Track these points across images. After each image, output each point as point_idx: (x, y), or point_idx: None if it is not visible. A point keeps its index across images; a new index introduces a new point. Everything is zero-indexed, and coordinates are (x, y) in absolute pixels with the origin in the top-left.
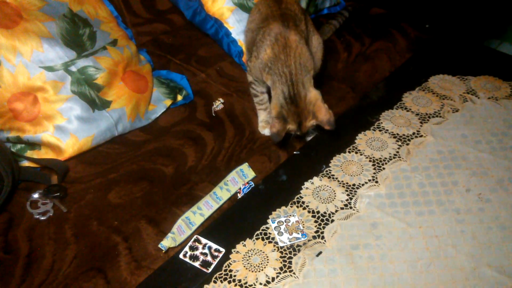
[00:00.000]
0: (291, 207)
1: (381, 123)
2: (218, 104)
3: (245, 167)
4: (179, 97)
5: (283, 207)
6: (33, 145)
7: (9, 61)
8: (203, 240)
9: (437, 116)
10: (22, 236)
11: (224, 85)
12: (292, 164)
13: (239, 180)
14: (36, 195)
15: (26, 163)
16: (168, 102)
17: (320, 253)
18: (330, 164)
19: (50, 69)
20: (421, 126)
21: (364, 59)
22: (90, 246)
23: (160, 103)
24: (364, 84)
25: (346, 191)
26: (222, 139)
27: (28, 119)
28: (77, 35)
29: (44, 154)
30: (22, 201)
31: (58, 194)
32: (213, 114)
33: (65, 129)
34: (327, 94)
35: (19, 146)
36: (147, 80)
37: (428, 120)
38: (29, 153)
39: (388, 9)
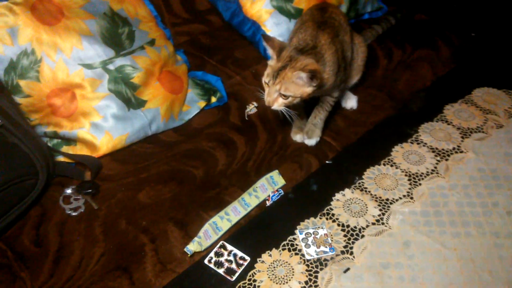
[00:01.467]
0: (320, 218)
1: (420, 135)
2: (251, 108)
3: (275, 174)
4: (213, 99)
5: (312, 218)
6: (69, 140)
7: (50, 57)
8: (229, 247)
9: (479, 131)
10: (53, 230)
11: (259, 88)
12: (323, 173)
13: (268, 187)
14: (69, 191)
15: (61, 158)
16: (202, 104)
17: (348, 269)
18: (363, 176)
19: (88, 66)
20: (462, 141)
21: (405, 67)
22: (118, 245)
23: (194, 104)
24: (404, 93)
25: (379, 205)
26: (253, 144)
27: (66, 115)
28: (116, 33)
29: (79, 150)
30: (55, 195)
31: (90, 190)
32: (246, 118)
33: (100, 127)
34: (364, 102)
35: (55, 141)
36: (182, 81)
37: (469, 135)
38: (65, 149)
39: (432, 16)
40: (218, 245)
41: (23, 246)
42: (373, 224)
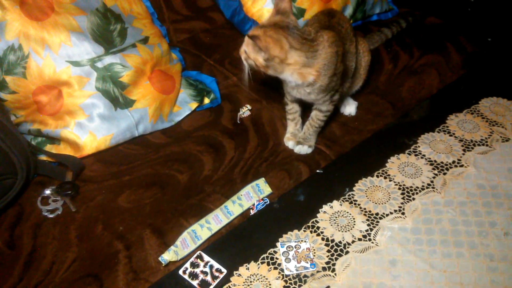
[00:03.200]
0: (304, 231)
1: (419, 146)
2: (244, 111)
3: (261, 182)
4: (206, 100)
5: (296, 231)
6: (53, 139)
7: (37, 53)
8: (206, 258)
9: (483, 144)
10: (27, 232)
11: (255, 90)
12: (312, 183)
13: (253, 195)
14: (48, 191)
15: (43, 157)
16: (194, 105)
17: (327, 287)
18: (354, 188)
19: (76, 64)
20: (463, 154)
21: (411, 73)
22: (91, 251)
23: (185, 105)
24: (407, 101)
25: (368, 220)
26: (243, 149)
27: (51, 112)
28: (107, 30)
29: (63, 149)
30: (34, 195)
31: (69, 192)
32: (238, 121)
33: (84, 126)
34: (364, 109)
35: (39, 139)
36: (174, 81)
37: (472, 148)
38: (49, 147)
39: (446, 19)
40: (195, 255)
41: None
42: (359, 239)
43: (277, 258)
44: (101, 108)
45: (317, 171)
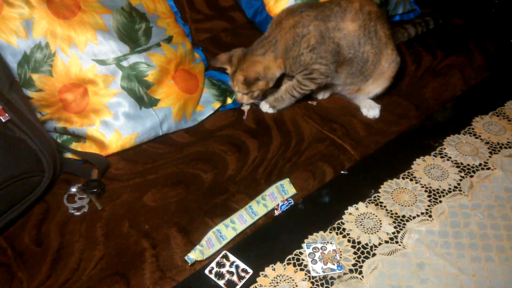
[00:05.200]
0: (330, 233)
1: (444, 148)
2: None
3: (286, 182)
4: (229, 100)
5: (321, 232)
6: (78, 137)
7: (64, 51)
8: (231, 257)
9: (510, 147)
10: (54, 230)
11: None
12: (337, 184)
13: (278, 196)
14: (74, 189)
15: (69, 155)
16: (217, 105)
17: None
18: (379, 190)
19: (102, 62)
20: (490, 157)
21: (434, 74)
22: (118, 249)
23: (208, 105)
24: (431, 102)
25: (394, 222)
26: (266, 148)
27: (76, 110)
28: (132, 29)
29: (88, 147)
30: (60, 193)
31: (95, 190)
32: (244, 117)
33: (110, 125)
34: (387, 111)
35: (65, 137)
36: (198, 80)
37: (499, 150)
38: (74, 145)
39: (469, 20)
40: (220, 255)
41: (24, 245)
42: (386, 242)
43: (303, 260)
44: (126, 107)
45: (342, 172)
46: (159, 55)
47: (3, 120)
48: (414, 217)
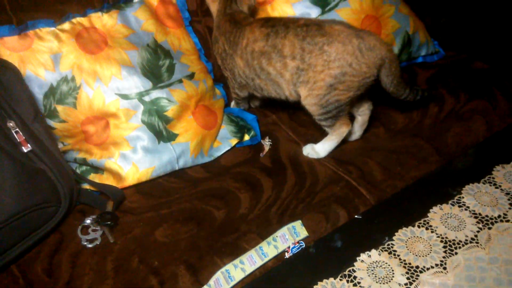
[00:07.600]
0: (341, 280)
1: (463, 197)
2: (266, 143)
3: (297, 224)
4: (246, 137)
5: (331, 279)
6: (97, 168)
7: (89, 85)
8: None
9: None
10: (66, 261)
11: (293, 130)
12: (350, 229)
13: (289, 237)
14: (88, 221)
15: (86, 186)
16: (234, 141)
17: None
18: (393, 237)
19: (125, 97)
20: (509, 208)
21: (457, 118)
22: (126, 285)
23: (225, 141)
24: (452, 147)
25: (407, 273)
26: (280, 188)
27: (97, 142)
28: (156, 66)
29: (105, 179)
30: (75, 223)
31: (109, 222)
32: (261, 155)
33: (128, 158)
34: (407, 153)
35: (84, 168)
36: (217, 116)
37: None
38: (92, 176)
39: (493, 64)
40: None
41: (35, 275)
42: None
43: None
44: (145, 141)
45: (356, 216)
46: (181, 91)
47: (25, 151)
48: (428, 269)
